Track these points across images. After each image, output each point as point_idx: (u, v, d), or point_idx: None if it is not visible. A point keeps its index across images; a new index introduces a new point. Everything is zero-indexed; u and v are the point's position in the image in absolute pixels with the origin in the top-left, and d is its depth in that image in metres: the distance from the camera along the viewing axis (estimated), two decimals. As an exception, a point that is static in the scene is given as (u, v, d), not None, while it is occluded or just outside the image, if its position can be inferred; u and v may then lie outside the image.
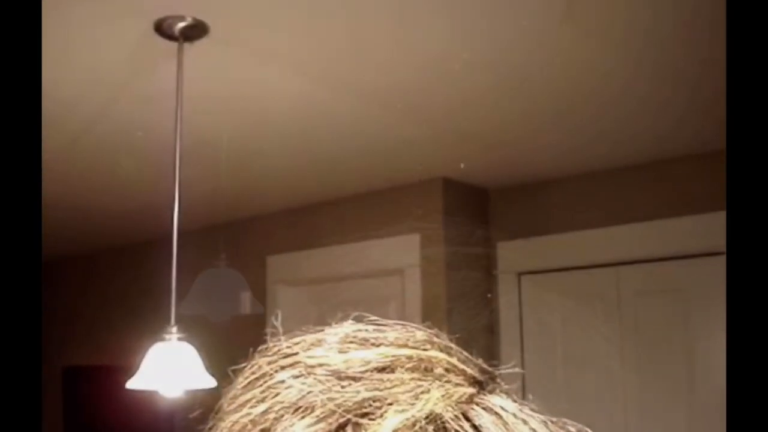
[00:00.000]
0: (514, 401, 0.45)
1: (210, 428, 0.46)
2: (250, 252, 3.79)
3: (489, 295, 3.19)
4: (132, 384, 1.55)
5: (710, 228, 2.68)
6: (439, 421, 0.41)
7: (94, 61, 1.99)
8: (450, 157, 2.89)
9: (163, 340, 1.58)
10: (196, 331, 1.80)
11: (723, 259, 2.55)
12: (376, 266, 3.25)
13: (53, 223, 3.98)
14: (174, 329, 1.58)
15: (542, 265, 3.15)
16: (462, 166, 2.89)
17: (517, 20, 1.79)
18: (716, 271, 2.64)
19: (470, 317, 3.13)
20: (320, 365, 0.44)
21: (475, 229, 3.24)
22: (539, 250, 3.13)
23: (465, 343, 0.48)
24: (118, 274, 4.66)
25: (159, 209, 2.10)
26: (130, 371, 1.62)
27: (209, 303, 1.57)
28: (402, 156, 2.85)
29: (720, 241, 2.61)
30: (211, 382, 1.58)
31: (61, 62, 1.98)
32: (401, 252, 3.18)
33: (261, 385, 0.45)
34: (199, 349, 1.65)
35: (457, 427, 0.41)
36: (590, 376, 2.99)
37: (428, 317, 3.07)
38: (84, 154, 2.78)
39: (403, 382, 0.43)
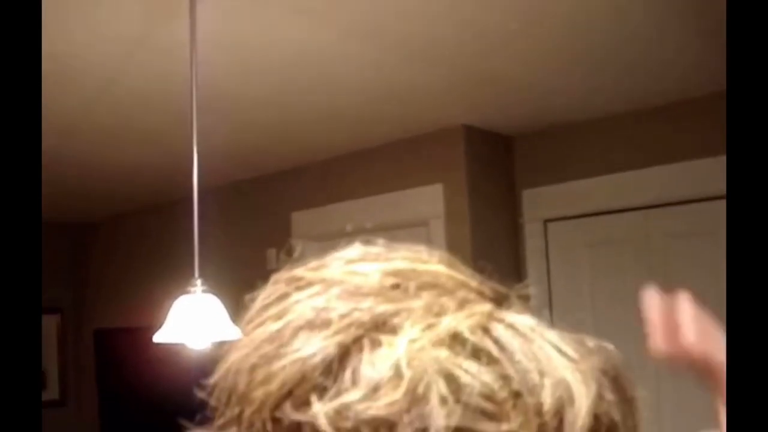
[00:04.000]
0: (530, 317, 0.45)
1: (227, 350, 0.47)
2: (274, 209, 3.78)
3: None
4: (158, 338, 1.54)
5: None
6: (458, 336, 0.41)
7: (109, 16, 1.97)
8: (472, 104, 2.84)
9: (187, 292, 1.57)
10: (221, 284, 1.80)
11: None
12: (400, 218, 3.23)
13: (81, 187, 4.00)
14: (198, 282, 1.57)
15: (569, 211, 3.11)
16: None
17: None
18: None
19: (496, 266, 3.11)
20: (334, 284, 0.45)
21: (500, 176, 3.20)
22: (566, 197, 3.09)
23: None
24: (145, 236, 4.69)
25: (183, 167, 2.09)
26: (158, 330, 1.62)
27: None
28: (423, 104, 2.81)
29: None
30: (238, 334, 1.57)
31: (75, 19, 1.95)
32: (425, 203, 3.15)
33: (277, 305, 0.45)
34: (224, 303, 1.64)
35: (477, 341, 0.41)
36: (619, 323, 2.97)
37: (454, 267, 3.05)
38: (104, 111, 2.77)
39: (418, 298, 0.43)
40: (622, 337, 2.94)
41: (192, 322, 1.54)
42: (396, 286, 0.44)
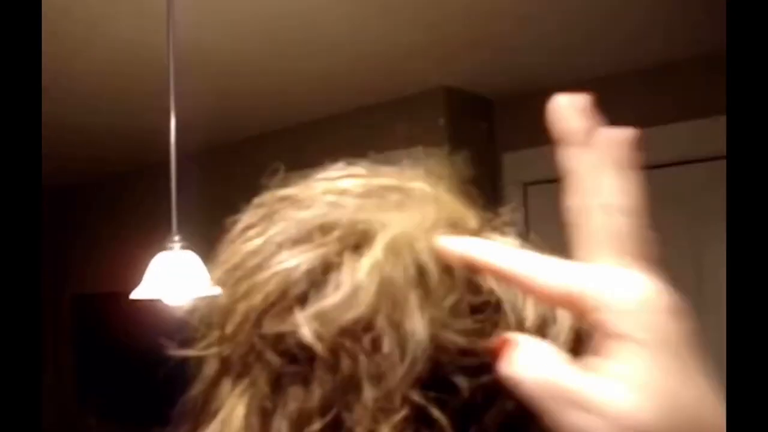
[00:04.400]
0: (514, 238, 0.46)
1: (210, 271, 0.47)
2: (252, 172, 3.76)
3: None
4: (136, 294, 1.53)
5: (712, 132, 2.64)
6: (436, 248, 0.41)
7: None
8: (452, 65, 2.82)
9: (166, 249, 1.56)
10: (200, 246, 1.79)
11: (724, 163, 2.54)
12: (380, 181, 3.21)
13: (54, 150, 3.94)
14: (176, 238, 1.56)
15: (549, 174, 3.10)
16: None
17: None
18: (718, 176, 2.62)
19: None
20: (318, 199, 0.45)
21: (480, 139, 3.20)
22: (546, 160, 3.08)
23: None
24: (125, 201, 4.65)
25: (162, 130, 2.06)
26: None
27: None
28: (401, 65, 2.78)
29: (722, 146, 2.59)
30: (216, 290, 1.56)
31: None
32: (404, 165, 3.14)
33: (261, 222, 0.45)
34: (204, 260, 1.63)
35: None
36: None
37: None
38: (79, 72, 2.73)
39: (401, 211, 0.43)
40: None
41: (170, 278, 1.53)
42: (379, 201, 0.44)
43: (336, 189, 0.45)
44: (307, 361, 0.38)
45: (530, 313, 0.40)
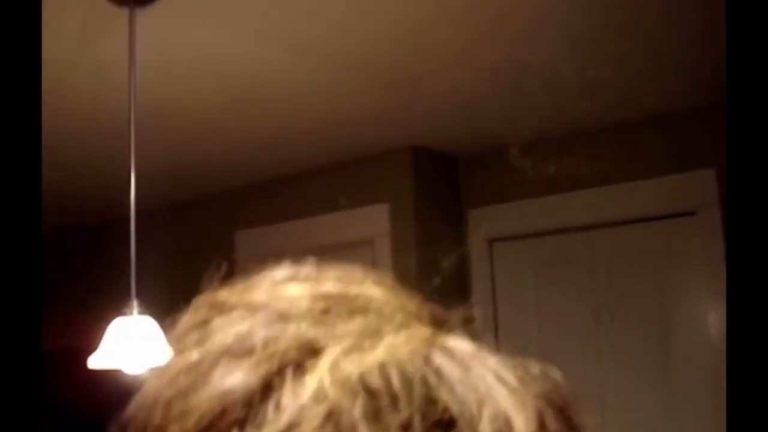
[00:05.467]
0: (470, 343, 0.42)
1: (144, 381, 0.42)
2: (217, 228, 3.72)
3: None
4: (93, 363, 1.49)
5: (680, 189, 2.67)
6: (392, 362, 0.38)
7: (43, 36, 1.91)
8: (419, 125, 2.83)
9: (123, 314, 1.52)
10: (162, 307, 1.74)
11: (694, 219, 2.58)
12: (345, 237, 3.20)
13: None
14: (134, 303, 1.53)
15: (514, 231, 3.12)
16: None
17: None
18: (688, 231, 2.65)
19: (443, 286, 3.09)
20: (259, 308, 0.41)
21: (445, 197, 3.20)
22: (510, 216, 3.10)
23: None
24: (85, 257, 4.58)
25: (122, 187, 2.04)
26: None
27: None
28: (369, 125, 2.79)
29: (689, 202, 2.63)
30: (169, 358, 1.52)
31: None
32: (371, 222, 3.13)
33: (197, 332, 0.41)
34: (161, 325, 1.60)
35: (413, 369, 0.38)
36: (565, 342, 2.97)
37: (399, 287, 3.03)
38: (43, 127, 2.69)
39: (350, 322, 0.40)
40: (568, 358, 2.91)
41: (128, 345, 1.49)
42: (326, 311, 0.41)
43: (279, 296, 0.42)
44: None
45: (486, 428, 0.38)
